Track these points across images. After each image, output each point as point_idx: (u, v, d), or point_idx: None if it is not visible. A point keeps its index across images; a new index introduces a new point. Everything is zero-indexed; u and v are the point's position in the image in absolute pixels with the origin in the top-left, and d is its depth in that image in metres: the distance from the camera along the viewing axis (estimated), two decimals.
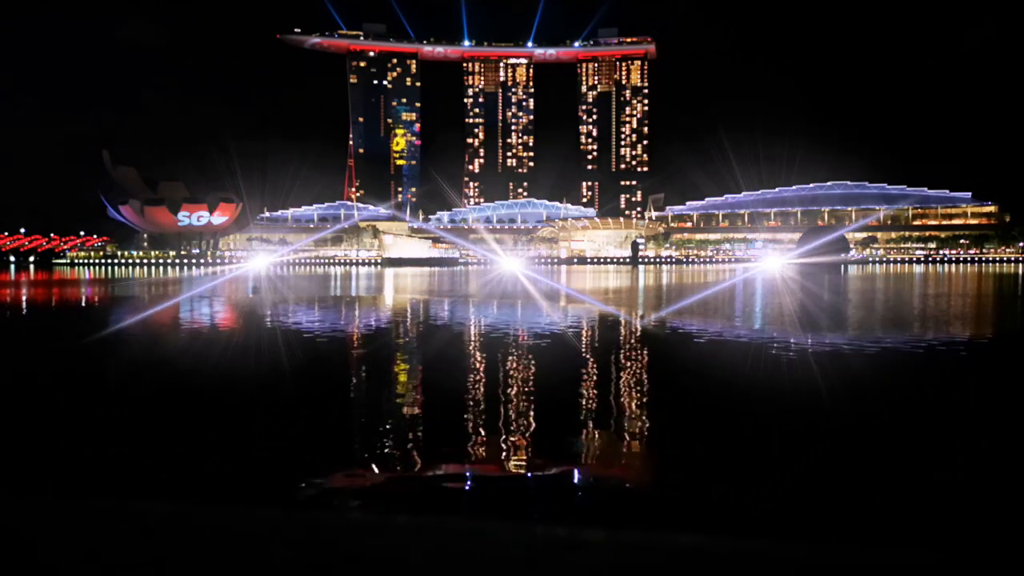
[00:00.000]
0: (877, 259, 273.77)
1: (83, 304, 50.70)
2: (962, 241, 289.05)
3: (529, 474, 9.98)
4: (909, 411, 13.69)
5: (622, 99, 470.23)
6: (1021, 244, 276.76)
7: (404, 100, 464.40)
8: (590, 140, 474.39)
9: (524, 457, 10.78)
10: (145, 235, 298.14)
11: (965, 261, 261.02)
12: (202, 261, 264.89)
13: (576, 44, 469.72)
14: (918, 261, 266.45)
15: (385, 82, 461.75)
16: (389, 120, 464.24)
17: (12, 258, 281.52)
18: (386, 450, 10.94)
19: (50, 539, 2.51)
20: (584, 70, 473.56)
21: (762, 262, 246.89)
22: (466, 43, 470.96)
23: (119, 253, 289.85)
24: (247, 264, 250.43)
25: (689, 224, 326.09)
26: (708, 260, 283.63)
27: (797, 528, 7.74)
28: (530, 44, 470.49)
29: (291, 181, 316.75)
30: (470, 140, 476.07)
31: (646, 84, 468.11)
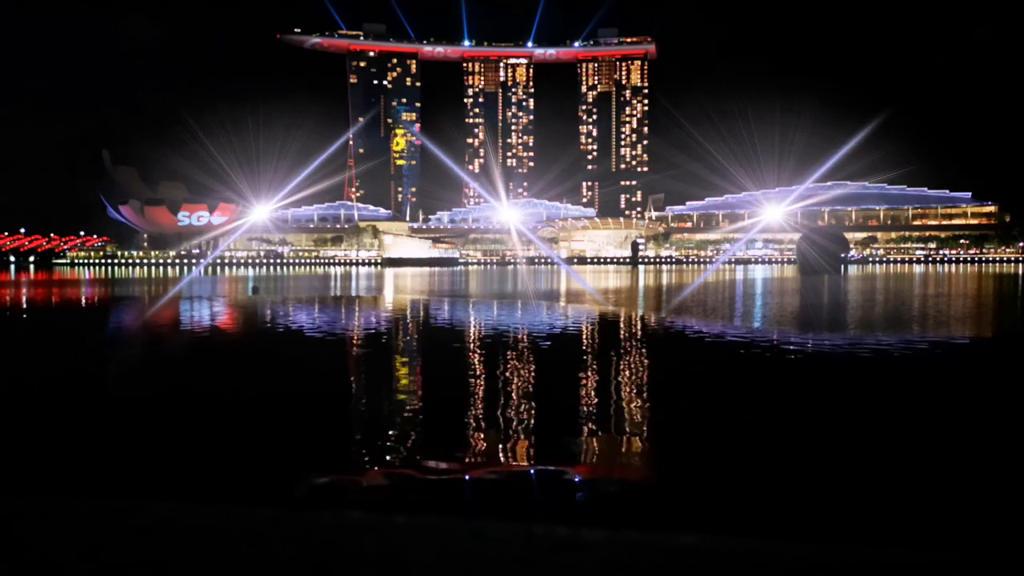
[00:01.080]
0: (877, 259, 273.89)
1: (87, 304, 50.67)
2: (962, 241, 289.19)
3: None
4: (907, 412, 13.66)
5: (622, 99, 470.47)
6: (1021, 244, 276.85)
7: (404, 100, 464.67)
8: (590, 140, 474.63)
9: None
10: (145, 235, 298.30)
11: (965, 261, 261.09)
12: (201, 260, 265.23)
13: (576, 44, 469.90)
14: (918, 261, 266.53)
15: (385, 82, 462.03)
16: (389, 120, 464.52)
17: (12, 258, 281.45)
18: (394, 449, 10.91)
19: (47, 539, 2.49)
20: (584, 70, 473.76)
21: (762, 213, 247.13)
22: (466, 43, 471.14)
23: (119, 253, 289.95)
24: (244, 220, 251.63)
25: (689, 224, 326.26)
26: (708, 260, 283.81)
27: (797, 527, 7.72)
28: (530, 44, 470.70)
29: (291, 181, 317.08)
30: (470, 140, 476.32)
31: (646, 84, 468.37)
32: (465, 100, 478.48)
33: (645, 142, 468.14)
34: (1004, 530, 7.64)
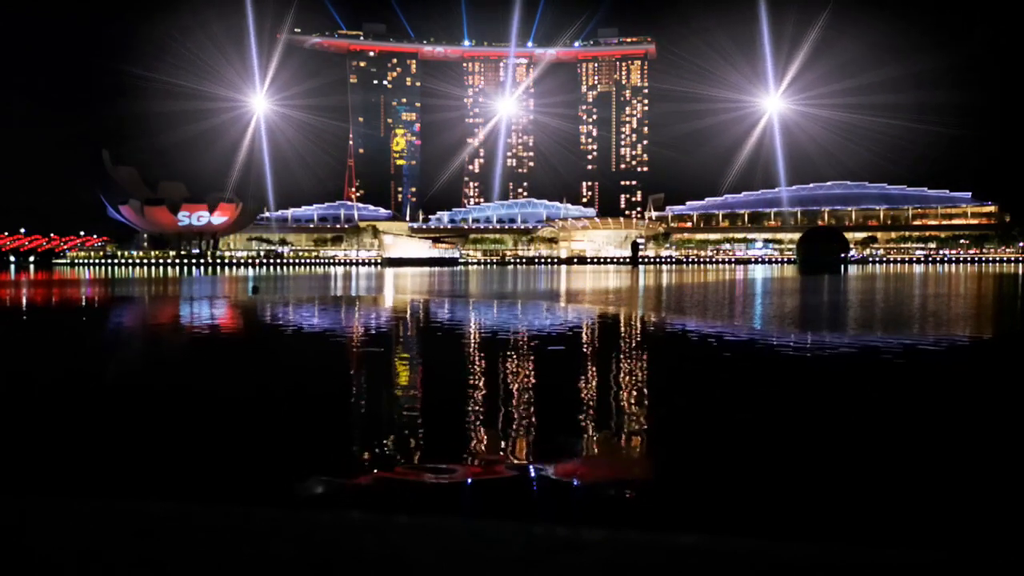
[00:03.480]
0: (877, 259, 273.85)
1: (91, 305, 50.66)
2: (962, 241, 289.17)
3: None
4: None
5: (622, 99, 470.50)
6: (1021, 244, 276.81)
7: (404, 100, 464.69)
8: (590, 140, 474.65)
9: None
10: (145, 235, 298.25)
11: (965, 261, 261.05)
12: (202, 260, 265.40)
13: (576, 44, 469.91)
14: (918, 261, 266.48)
15: (385, 82, 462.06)
16: (389, 120, 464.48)
17: (12, 258, 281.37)
18: (394, 449, 10.93)
19: (48, 539, 2.49)
20: (584, 70, 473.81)
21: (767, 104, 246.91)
22: (466, 43, 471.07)
23: (119, 253, 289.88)
24: (253, 114, 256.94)
25: (689, 224, 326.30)
26: (708, 260, 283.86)
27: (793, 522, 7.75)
28: (530, 44, 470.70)
29: (291, 181, 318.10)
30: (470, 140, 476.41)
31: (646, 84, 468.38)
32: (465, 100, 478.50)
33: (645, 142, 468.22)
34: (1001, 529, 7.67)
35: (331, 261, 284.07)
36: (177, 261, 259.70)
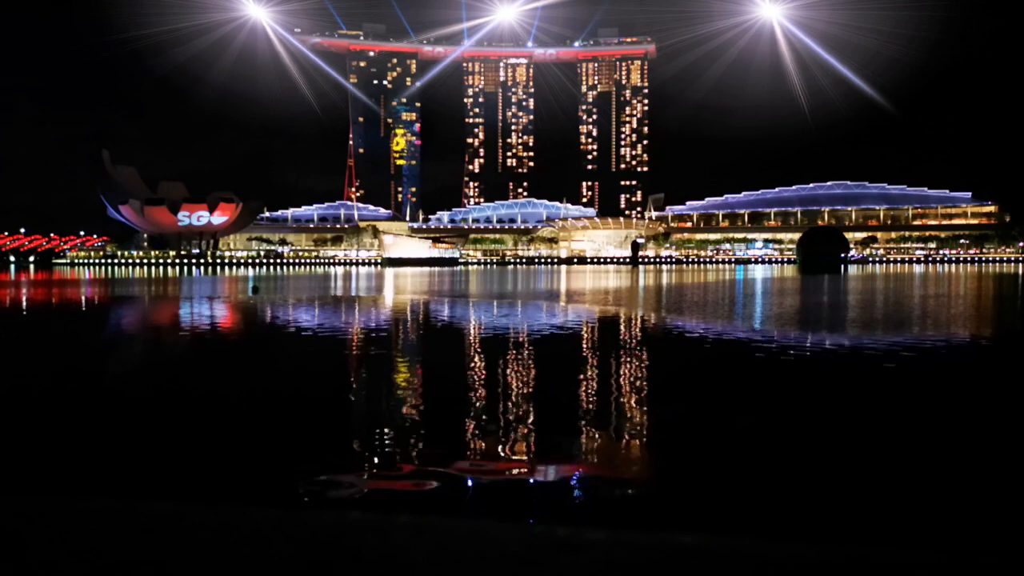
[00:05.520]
0: (877, 259, 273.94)
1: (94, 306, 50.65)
2: (962, 241, 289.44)
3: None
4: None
5: (622, 99, 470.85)
6: (1021, 244, 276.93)
7: (404, 100, 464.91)
8: (590, 140, 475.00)
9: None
10: (145, 235, 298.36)
11: (965, 261, 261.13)
12: (202, 260, 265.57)
13: (576, 44, 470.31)
14: (918, 261, 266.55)
15: (385, 82, 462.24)
16: (389, 120, 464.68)
17: (12, 258, 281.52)
18: (394, 448, 10.92)
19: (49, 538, 2.50)
20: (584, 70, 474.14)
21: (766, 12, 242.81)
22: (466, 43, 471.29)
23: (119, 253, 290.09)
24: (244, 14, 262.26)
25: (689, 224, 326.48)
26: (708, 260, 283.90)
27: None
28: (530, 44, 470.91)
29: (291, 181, 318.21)
30: (470, 140, 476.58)
31: (646, 84, 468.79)
32: (465, 100, 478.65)
33: (645, 142, 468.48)
34: (1000, 530, 7.66)
35: (331, 261, 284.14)
36: (177, 261, 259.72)
